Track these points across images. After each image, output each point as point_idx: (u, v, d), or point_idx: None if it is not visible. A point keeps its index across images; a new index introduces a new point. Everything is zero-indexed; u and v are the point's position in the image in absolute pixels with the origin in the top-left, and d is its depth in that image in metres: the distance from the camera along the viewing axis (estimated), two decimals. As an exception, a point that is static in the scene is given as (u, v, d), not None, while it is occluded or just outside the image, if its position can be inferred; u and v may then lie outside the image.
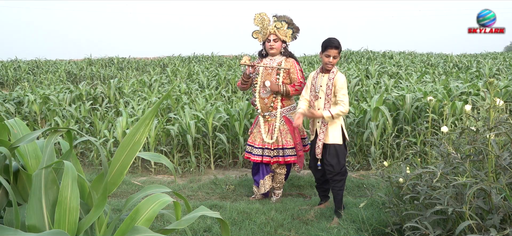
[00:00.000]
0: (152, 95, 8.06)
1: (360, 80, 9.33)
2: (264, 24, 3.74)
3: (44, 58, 19.91)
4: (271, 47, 3.75)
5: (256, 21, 3.78)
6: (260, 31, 3.79)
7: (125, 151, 1.67)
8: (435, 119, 5.02)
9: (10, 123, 1.81)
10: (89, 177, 4.60)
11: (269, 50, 3.78)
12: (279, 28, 3.73)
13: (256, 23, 3.78)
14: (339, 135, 3.36)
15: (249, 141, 3.95)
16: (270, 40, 3.74)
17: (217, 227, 3.15)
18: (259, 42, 3.86)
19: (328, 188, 3.66)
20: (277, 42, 3.75)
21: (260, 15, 3.77)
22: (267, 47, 3.78)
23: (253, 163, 3.98)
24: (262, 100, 3.83)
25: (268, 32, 3.74)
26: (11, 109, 6.98)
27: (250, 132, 4.01)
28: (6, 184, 1.49)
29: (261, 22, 3.75)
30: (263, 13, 3.77)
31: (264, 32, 3.76)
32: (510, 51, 24.89)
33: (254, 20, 3.78)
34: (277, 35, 3.74)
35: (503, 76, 9.18)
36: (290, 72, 3.78)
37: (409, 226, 2.30)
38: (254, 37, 3.84)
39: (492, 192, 2.03)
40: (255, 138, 3.90)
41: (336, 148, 3.36)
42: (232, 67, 14.98)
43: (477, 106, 5.04)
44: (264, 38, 3.78)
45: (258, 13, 3.78)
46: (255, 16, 3.78)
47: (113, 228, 1.72)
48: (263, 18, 3.75)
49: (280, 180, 3.96)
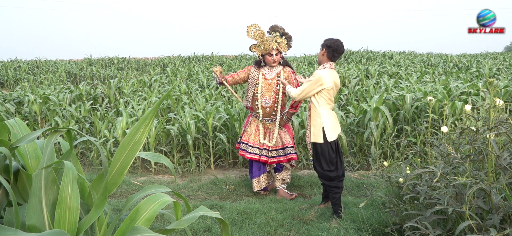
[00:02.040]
0: (152, 95, 8.06)
1: (360, 80, 9.33)
2: (264, 39, 3.85)
3: (44, 58, 19.93)
4: (274, 61, 3.89)
5: (251, 35, 3.88)
6: (258, 45, 3.89)
7: (125, 151, 1.67)
8: (435, 119, 5.02)
9: (10, 122, 1.82)
10: (89, 177, 4.60)
11: (272, 64, 3.90)
12: (280, 42, 3.86)
13: (252, 37, 3.88)
14: (319, 133, 3.37)
15: (244, 139, 4.08)
16: (272, 55, 3.86)
17: (217, 227, 3.16)
18: (257, 55, 3.95)
19: None
20: (278, 56, 3.89)
21: (253, 28, 3.87)
22: (269, 60, 3.89)
23: (249, 160, 4.11)
24: (264, 109, 3.96)
25: (270, 47, 3.84)
26: (11, 109, 6.98)
27: (244, 129, 4.13)
28: (6, 184, 1.49)
29: (260, 37, 3.86)
30: (256, 25, 3.89)
31: (265, 47, 3.86)
32: (510, 51, 24.89)
33: (247, 33, 3.88)
34: (278, 49, 3.88)
35: (503, 76, 9.18)
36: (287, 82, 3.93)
37: (409, 226, 2.30)
38: (253, 51, 3.94)
39: (492, 192, 2.03)
40: (249, 137, 4.04)
41: (317, 148, 3.40)
42: (232, 67, 14.98)
43: (477, 106, 5.05)
44: (265, 52, 3.88)
45: (250, 26, 3.88)
46: (248, 29, 3.88)
47: (113, 228, 1.72)
48: (261, 33, 3.87)
49: (287, 173, 4.11)
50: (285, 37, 3.90)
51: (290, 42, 3.94)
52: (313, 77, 3.35)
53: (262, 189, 4.11)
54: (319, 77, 3.31)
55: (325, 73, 3.36)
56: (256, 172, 4.06)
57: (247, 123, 4.13)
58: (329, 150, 3.38)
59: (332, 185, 3.38)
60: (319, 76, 3.32)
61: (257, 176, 4.07)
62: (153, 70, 16.55)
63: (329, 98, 3.41)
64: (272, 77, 3.92)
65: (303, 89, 3.37)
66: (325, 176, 3.40)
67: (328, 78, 3.35)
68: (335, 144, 3.44)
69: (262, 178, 4.08)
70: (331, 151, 3.38)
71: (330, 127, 3.39)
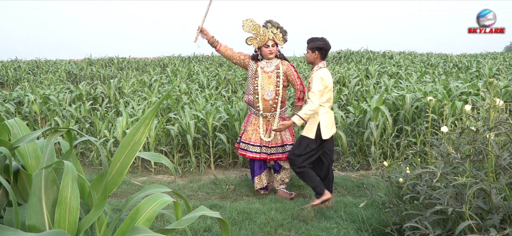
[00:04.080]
0: (152, 95, 8.06)
1: (360, 80, 9.33)
2: (259, 31, 3.89)
3: (44, 58, 19.93)
4: (271, 52, 3.92)
5: (247, 28, 3.92)
6: (254, 38, 3.92)
7: (125, 151, 1.67)
8: (435, 119, 5.02)
9: (10, 123, 1.82)
10: (89, 177, 4.60)
11: (268, 55, 3.92)
12: (276, 33, 3.91)
13: (247, 30, 3.92)
14: (313, 129, 3.52)
15: (244, 139, 4.09)
16: (268, 46, 3.90)
17: (217, 227, 3.16)
18: (254, 48, 3.99)
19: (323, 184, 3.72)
20: (274, 47, 3.93)
21: (249, 22, 3.92)
22: (266, 52, 3.92)
23: (250, 159, 4.13)
24: (266, 102, 3.97)
25: (266, 38, 3.88)
26: (11, 109, 6.98)
27: (244, 129, 4.13)
28: (6, 184, 1.49)
29: (255, 29, 3.90)
30: (251, 19, 3.93)
31: (261, 38, 3.90)
32: (510, 51, 24.89)
33: (243, 27, 3.93)
34: (275, 40, 3.92)
35: (503, 76, 9.17)
36: (287, 75, 3.99)
37: (409, 226, 2.30)
38: (249, 44, 3.96)
39: (492, 192, 2.03)
40: (251, 136, 4.04)
41: (301, 138, 3.57)
42: (232, 67, 14.98)
43: (477, 106, 5.04)
44: (261, 44, 3.91)
45: (246, 20, 3.94)
46: (244, 23, 3.93)
47: (113, 228, 1.72)
48: (256, 26, 3.91)
49: (286, 173, 4.12)
50: (281, 31, 3.95)
51: (286, 36, 3.99)
52: (317, 81, 3.47)
53: (263, 188, 4.12)
54: (321, 77, 3.48)
55: (324, 73, 3.52)
56: (257, 170, 4.08)
57: (247, 122, 4.13)
58: (312, 148, 3.55)
59: (295, 169, 3.59)
60: (320, 77, 3.48)
61: (258, 174, 4.09)
62: (153, 70, 16.55)
63: (329, 97, 3.55)
64: (271, 70, 3.93)
65: (316, 98, 3.46)
66: (292, 160, 3.59)
67: (328, 76, 3.53)
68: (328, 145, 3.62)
69: (263, 175, 4.10)
70: (313, 150, 3.56)
71: (326, 126, 3.53)
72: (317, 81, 3.46)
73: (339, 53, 19.26)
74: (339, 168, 5.15)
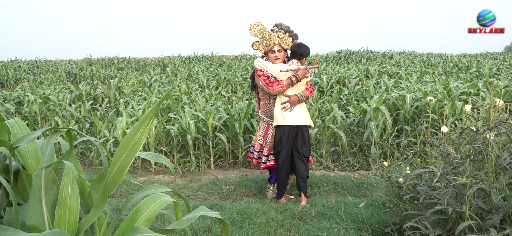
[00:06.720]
0: (152, 95, 8.06)
1: (360, 80, 9.32)
2: (265, 36, 3.79)
3: (44, 58, 19.92)
4: (277, 57, 3.79)
5: (254, 33, 3.82)
6: (261, 42, 3.83)
7: (125, 151, 1.67)
8: (435, 119, 5.02)
9: (10, 123, 1.81)
10: (89, 177, 4.60)
11: (274, 61, 3.81)
12: (282, 38, 3.79)
13: (254, 35, 3.82)
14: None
15: (266, 152, 3.97)
16: (274, 51, 3.79)
17: (217, 227, 3.16)
18: (260, 52, 3.90)
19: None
20: (281, 52, 3.81)
21: (257, 26, 3.81)
22: (272, 57, 3.81)
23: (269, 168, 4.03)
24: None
25: (272, 43, 3.78)
26: (11, 109, 6.98)
27: (265, 143, 3.96)
28: (6, 184, 1.49)
29: (261, 34, 3.80)
30: (259, 23, 3.82)
31: (267, 43, 3.80)
32: (510, 51, 24.89)
33: (250, 31, 3.82)
34: (281, 45, 3.80)
35: (503, 76, 9.17)
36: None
37: (409, 226, 2.30)
38: (255, 49, 3.87)
39: (492, 192, 2.03)
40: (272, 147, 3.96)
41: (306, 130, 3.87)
42: (232, 67, 14.98)
43: (477, 106, 5.04)
44: (267, 49, 3.82)
45: (254, 24, 3.83)
46: (251, 27, 3.82)
47: (113, 228, 1.72)
48: (263, 30, 3.80)
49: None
50: (290, 35, 3.84)
51: (296, 40, 3.88)
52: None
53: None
54: None
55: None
56: (272, 179, 4.02)
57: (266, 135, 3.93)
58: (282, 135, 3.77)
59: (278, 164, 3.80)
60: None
61: (273, 183, 4.02)
62: (153, 70, 16.55)
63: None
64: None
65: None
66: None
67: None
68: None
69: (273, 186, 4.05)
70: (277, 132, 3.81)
71: (278, 111, 3.81)
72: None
73: (339, 53, 19.27)
74: (339, 168, 5.15)
